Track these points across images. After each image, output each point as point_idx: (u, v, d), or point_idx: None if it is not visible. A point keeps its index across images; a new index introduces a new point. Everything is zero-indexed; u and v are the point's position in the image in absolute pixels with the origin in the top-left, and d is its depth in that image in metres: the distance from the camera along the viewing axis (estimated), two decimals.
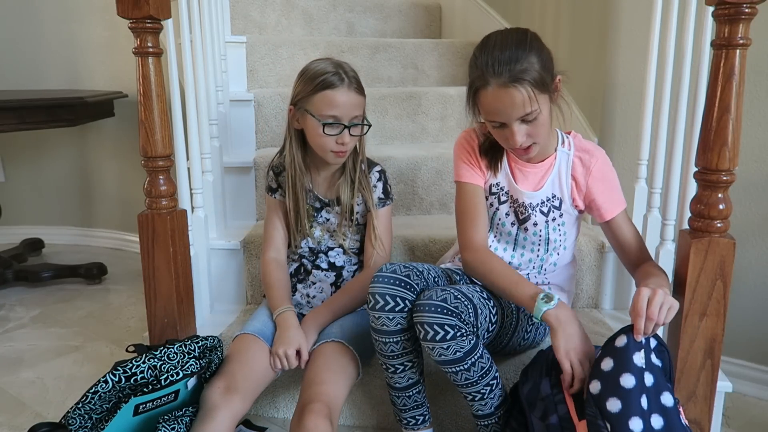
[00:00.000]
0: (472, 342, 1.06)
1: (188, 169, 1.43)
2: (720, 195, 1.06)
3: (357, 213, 1.36)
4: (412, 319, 1.08)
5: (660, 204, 1.40)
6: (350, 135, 1.28)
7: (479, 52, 1.09)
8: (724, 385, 1.19)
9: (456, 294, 1.06)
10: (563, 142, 1.21)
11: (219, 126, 1.63)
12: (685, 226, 1.16)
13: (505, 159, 1.23)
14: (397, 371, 1.16)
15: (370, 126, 1.33)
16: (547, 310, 1.04)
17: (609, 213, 1.19)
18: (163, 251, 1.32)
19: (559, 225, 1.24)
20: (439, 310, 1.04)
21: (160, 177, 1.31)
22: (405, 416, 1.21)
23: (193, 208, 1.46)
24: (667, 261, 1.33)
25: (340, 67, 1.28)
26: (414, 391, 1.19)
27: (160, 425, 1.15)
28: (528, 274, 1.27)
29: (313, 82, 1.27)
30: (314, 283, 1.39)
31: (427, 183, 1.76)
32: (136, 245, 2.45)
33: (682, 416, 0.98)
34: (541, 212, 1.22)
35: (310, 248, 1.40)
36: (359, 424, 1.39)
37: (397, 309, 1.09)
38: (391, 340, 1.12)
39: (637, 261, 1.19)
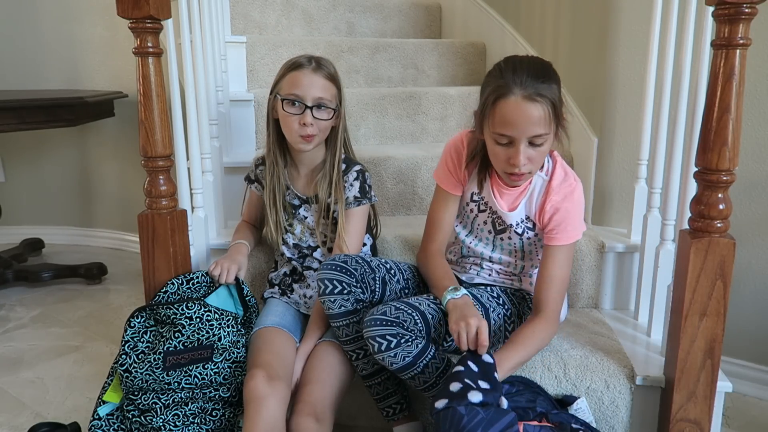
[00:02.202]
0: (420, 345, 1.12)
1: (188, 169, 1.43)
2: (720, 195, 1.06)
3: (334, 212, 1.36)
4: (358, 305, 1.19)
5: (660, 204, 1.40)
6: (314, 117, 1.28)
7: (504, 66, 1.11)
8: (724, 385, 1.18)
9: (398, 305, 1.14)
10: (542, 167, 1.23)
11: (219, 126, 1.63)
12: (685, 226, 1.16)
13: (488, 178, 1.27)
14: (359, 357, 1.21)
15: (335, 111, 1.33)
16: (451, 299, 1.15)
17: (547, 240, 1.22)
18: (163, 251, 1.33)
19: (534, 242, 1.28)
20: (379, 323, 1.12)
21: (160, 177, 1.31)
22: (381, 406, 1.25)
23: (193, 208, 1.46)
24: (667, 261, 1.33)
25: (315, 57, 1.32)
26: (381, 378, 1.23)
27: (190, 424, 1.22)
28: (511, 272, 1.32)
29: (285, 67, 1.32)
30: (309, 285, 1.39)
31: (427, 183, 1.76)
32: (136, 245, 2.45)
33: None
34: (516, 232, 1.27)
35: (295, 245, 1.40)
36: (360, 424, 1.39)
37: (336, 291, 1.17)
38: (342, 323, 1.19)
39: (537, 295, 1.21)
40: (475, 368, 1.04)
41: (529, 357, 1.17)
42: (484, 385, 1.01)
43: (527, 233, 1.27)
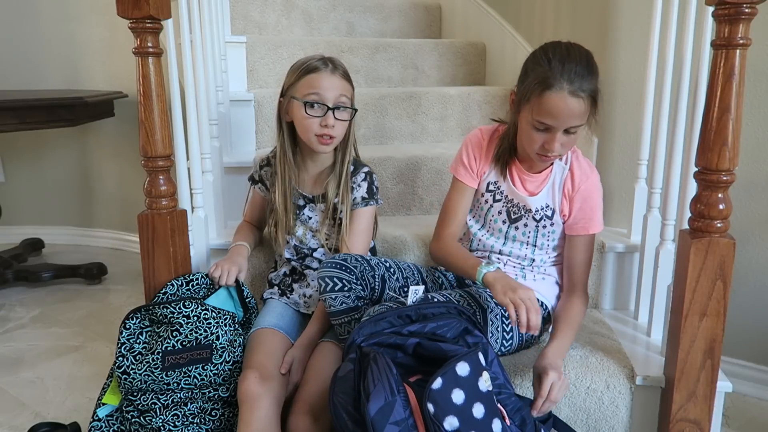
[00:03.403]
0: (360, 303, 1.21)
1: (188, 169, 1.43)
2: (720, 195, 1.06)
3: (340, 212, 1.36)
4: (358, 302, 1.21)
5: (660, 204, 1.40)
6: (335, 118, 1.28)
7: (552, 55, 1.13)
8: (724, 385, 1.18)
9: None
10: (561, 157, 1.25)
11: (219, 126, 1.63)
12: (685, 226, 1.16)
13: (509, 167, 1.30)
14: None
15: (356, 111, 1.34)
16: (486, 273, 1.16)
17: (572, 230, 1.29)
18: (163, 251, 1.33)
19: (548, 232, 1.30)
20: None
21: (160, 177, 1.31)
22: None
23: (193, 208, 1.46)
24: (667, 261, 1.33)
25: (327, 57, 1.32)
26: None
27: (189, 424, 1.21)
28: (522, 267, 1.33)
29: (299, 69, 1.31)
30: (309, 284, 1.39)
31: (427, 183, 1.76)
32: (136, 245, 2.45)
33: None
34: (534, 219, 1.29)
35: (295, 246, 1.40)
36: None
37: (337, 288, 1.19)
38: (343, 320, 1.20)
39: (567, 283, 1.31)
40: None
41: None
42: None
43: (544, 221, 1.29)
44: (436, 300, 1.16)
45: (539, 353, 1.17)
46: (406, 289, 1.29)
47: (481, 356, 0.99)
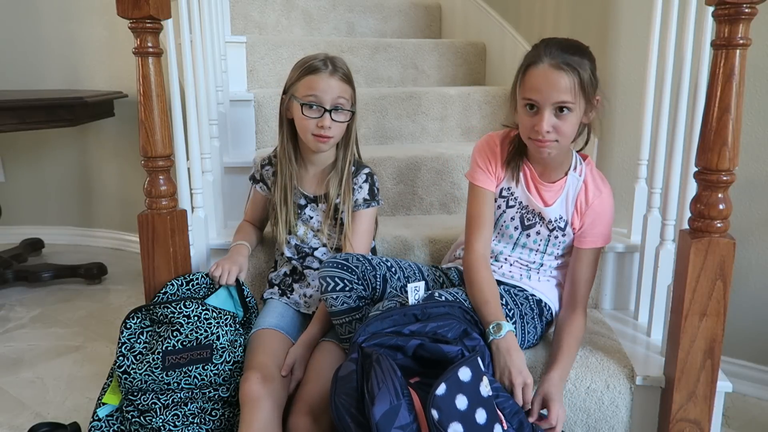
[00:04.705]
0: (360, 303, 1.21)
1: (188, 169, 1.43)
2: (720, 195, 1.06)
3: (341, 212, 1.37)
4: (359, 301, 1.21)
5: (660, 204, 1.40)
6: (332, 119, 1.29)
7: (540, 42, 1.16)
8: (724, 385, 1.18)
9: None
10: (575, 168, 1.26)
11: (219, 126, 1.63)
12: (685, 226, 1.16)
13: (520, 171, 1.29)
14: None
15: (353, 113, 1.35)
16: (492, 339, 1.13)
17: (581, 243, 1.28)
18: (163, 251, 1.33)
19: (559, 242, 1.30)
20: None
21: (160, 177, 1.31)
22: None
23: (193, 208, 1.46)
24: (667, 261, 1.33)
25: (329, 57, 1.32)
26: None
27: (189, 424, 1.22)
28: (528, 268, 1.32)
29: (300, 68, 1.32)
30: (309, 284, 1.39)
31: (427, 183, 1.76)
32: (136, 245, 2.45)
33: None
34: (547, 228, 1.29)
35: (296, 245, 1.40)
36: None
37: (338, 288, 1.19)
38: (344, 320, 1.21)
39: (569, 298, 1.29)
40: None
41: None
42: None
43: (557, 231, 1.28)
44: (444, 299, 1.16)
45: (544, 377, 1.16)
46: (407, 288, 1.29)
47: (479, 361, 0.99)
